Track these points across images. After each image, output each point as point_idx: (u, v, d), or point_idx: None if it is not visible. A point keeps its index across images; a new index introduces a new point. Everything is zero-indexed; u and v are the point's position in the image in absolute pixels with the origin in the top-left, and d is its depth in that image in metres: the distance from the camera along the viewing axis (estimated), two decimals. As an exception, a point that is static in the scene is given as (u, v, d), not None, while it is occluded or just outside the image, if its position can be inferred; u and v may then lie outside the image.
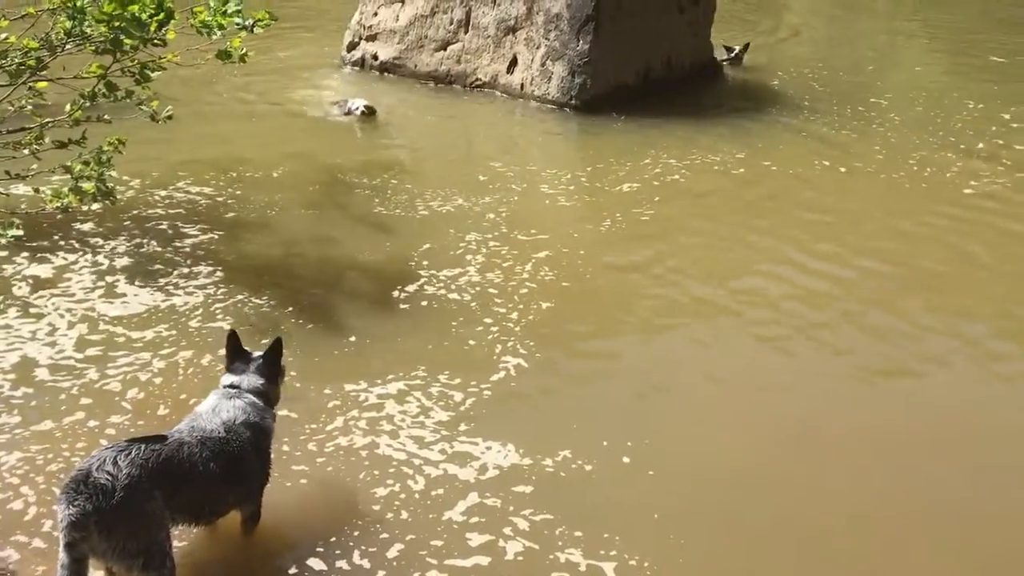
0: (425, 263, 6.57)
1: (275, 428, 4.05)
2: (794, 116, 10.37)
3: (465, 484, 4.40)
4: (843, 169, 8.78)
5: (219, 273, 6.27)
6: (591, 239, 7.25)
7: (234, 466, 3.72)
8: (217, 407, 3.85)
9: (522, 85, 10.50)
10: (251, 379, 3.98)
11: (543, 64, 10.32)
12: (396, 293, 6.15)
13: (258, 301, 5.94)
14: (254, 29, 6.32)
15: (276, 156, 8.46)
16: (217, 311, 5.81)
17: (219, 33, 6.35)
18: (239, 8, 6.33)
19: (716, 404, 5.22)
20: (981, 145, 9.51)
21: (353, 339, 5.60)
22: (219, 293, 6.02)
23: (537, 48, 10.37)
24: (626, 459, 4.62)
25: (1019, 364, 5.78)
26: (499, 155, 9.06)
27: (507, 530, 4.13)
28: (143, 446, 3.46)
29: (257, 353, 4.10)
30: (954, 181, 8.54)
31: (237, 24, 6.31)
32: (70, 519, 3.20)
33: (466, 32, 10.88)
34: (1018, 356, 5.87)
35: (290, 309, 5.88)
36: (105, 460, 3.33)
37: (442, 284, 6.28)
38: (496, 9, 10.64)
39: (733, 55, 12.10)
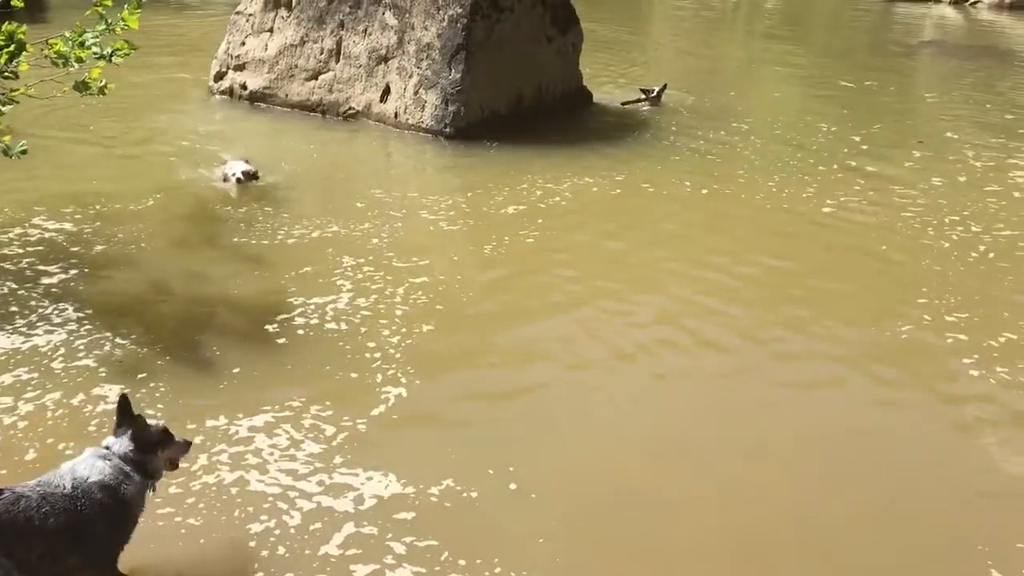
0: (299, 293, 6.48)
1: (143, 500, 3.75)
2: (664, 140, 10.69)
3: (344, 515, 4.34)
4: (704, 191, 9.11)
5: (82, 312, 6.03)
6: (473, 262, 7.30)
7: (76, 525, 3.49)
8: (77, 464, 3.64)
9: (396, 114, 10.52)
10: (124, 443, 3.74)
11: (416, 93, 10.37)
12: (269, 325, 6.04)
13: (124, 340, 5.74)
14: (113, 59, 6.17)
15: (140, 189, 8.21)
16: (81, 350, 5.58)
17: (76, 64, 6.17)
18: (97, 39, 6.17)
19: (598, 424, 5.29)
20: (835, 166, 10.00)
21: (223, 374, 5.47)
22: (83, 331, 5.80)
23: (410, 77, 10.41)
24: (512, 485, 4.62)
25: (871, 374, 6.08)
26: (377, 183, 9.03)
27: (389, 559, 4.09)
28: None
29: (151, 421, 3.87)
30: (812, 201, 8.95)
31: (95, 55, 6.14)
32: None
33: (337, 61, 10.84)
34: (863, 368, 6.16)
35: (158, 347, 5.70)
36: None
37: (316, 313, 6.21)
38: (367, 39, 10.65)
39: (652, 95, 12.16)
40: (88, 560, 3.60)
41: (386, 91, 10.60)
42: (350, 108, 10.78)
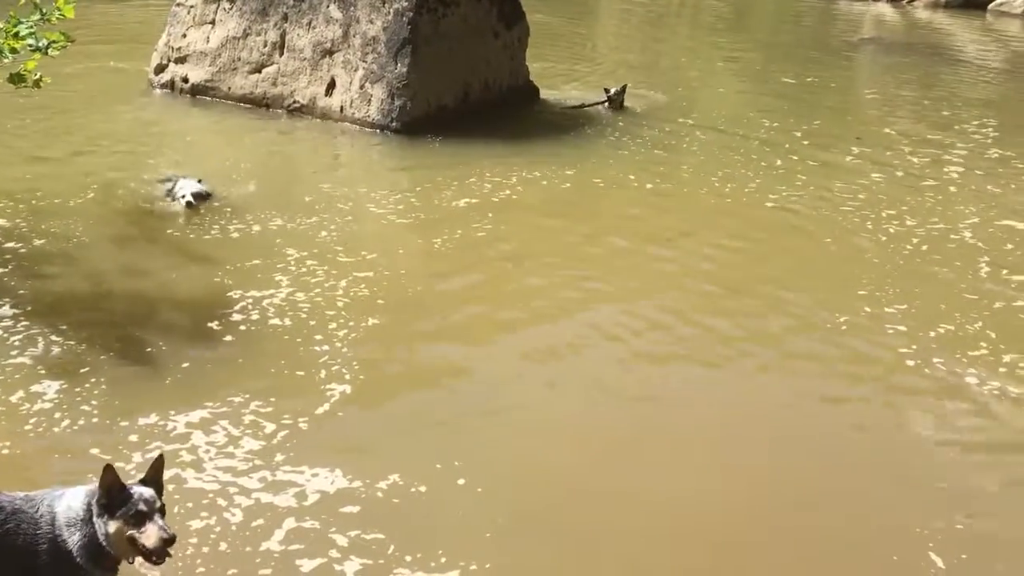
0: (243, 288, 6.38)
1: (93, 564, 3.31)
2: (610, 135, 10.74)
3: (287, 510, 4.30)
4: (650, 186, 9.18)
5: (18, 308, 5.88)
6: (423, 255, 7.29)
7: (32, 551, 3.27)
8: (65, 492, 3.37)
9: (341, 108, 10.42)
10: (93, 494, 3.31)
11: (362, 87, 10.29)
12: (211, 321, 5.94)
13: (61, 336, 5.60)
14: (49, 51, 6.04)
15: (77, 185, 8.01)
16: (16, 346, 5.45)
17: (11, 56, 6.04)
18: (32, 31, 6.04)
19: (548, 417, 5.29)
20: (779, 162, 10.14)
21: (163, 371, 5.38)
22: (19, 327, 5.66)
23: (355, 71, 10.33)
24: (460, 480, 4.59)
25: (813, 365, 6.18)
26: (323, 177, 8.94)
27: (334, 552, 4.06)
28: None
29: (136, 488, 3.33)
30: (755, 195, 9.06)
31: (30, 46, 6.01)
32: None
33: (281, 54, 10.71)
34: (805, 358, 6.26)
35: (97, 343, 5.59)
36: None
37: (259, 308, 6.13)
38: (311, 32, 10.53)
39: (611, 95, 11.86)
40: None
41: (331, 85, 10.50)
42: (294, 102, 10.66)
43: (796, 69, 15.40)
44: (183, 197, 7.63)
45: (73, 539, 3.24)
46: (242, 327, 5.90)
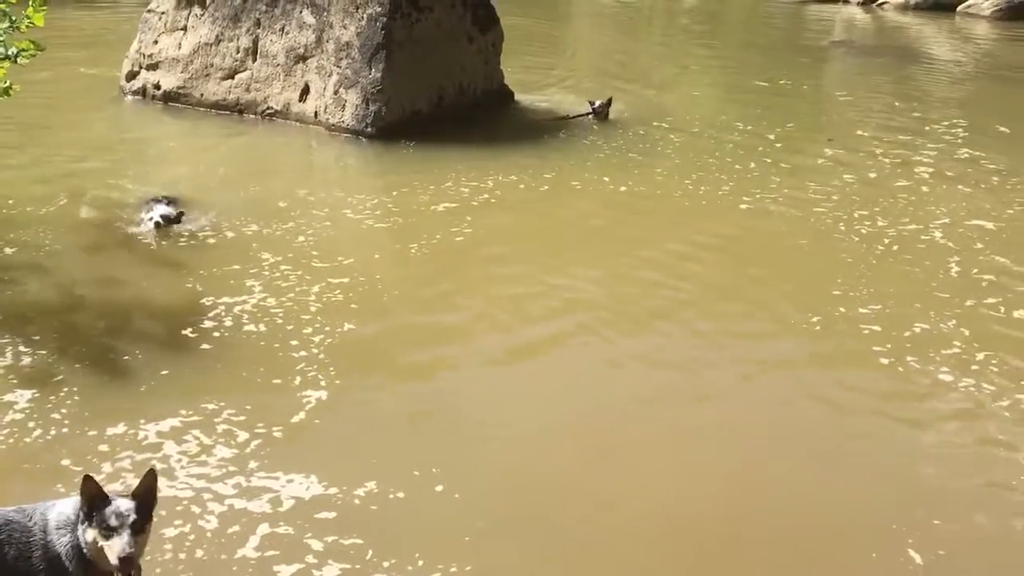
0: (217, 294, 6.35)
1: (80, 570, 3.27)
2: (584, 139, 10.76)
3: (262, 516, 4.27)
4: (623, 189, 9.19)
5: (-15, 318, 5.83)
6: (398, 261, 7.27)
7: (25, 559, 3.26)
8: (56, 502, 3.36)
9: (316, 113, 10.39)
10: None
11: (336, 92, 10.26)
12: (185, 329, 5.90)
13: (31, 346, 5.54)
14: (18, 60, 6.00)
15: (48, 193, 7.95)
16: (-16, 358, 5.40)
17: (-21, 66, 5.99)
18: (1, 39, 5.99)
19: (525, 421, 5.28)
20: (752, 164, 10.19)
21: (136, 380, 5.33)
22: (-13, 338, 5.60)
23: (329, 76, 10.30)
24: (439, 487, 4.57)
25: (789, 366, 6.21)
26: (299, 183, 8.89)
27: (311, 558, 4.03)
28: None
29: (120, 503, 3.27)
30: (728, 198, 9.11)
31: (-1, 55, 5.97)
32: None
33: (254, 60, 10.66)
34: (782, 360, 6.30)
35: (69, 353, 5.53)
36: None
37: (233, 315, 6.09)
38: (285, 37, 10.50)
39: (596, 107, 11.69)
40: None
41: (305, 90, 10.47)
42: (268, 108, 10.62)
43: (769, 72, 15.49)
44: (151, 219, 7.43)
45: (62, 542, 3.25)
46: (216, 334, 5.86)
